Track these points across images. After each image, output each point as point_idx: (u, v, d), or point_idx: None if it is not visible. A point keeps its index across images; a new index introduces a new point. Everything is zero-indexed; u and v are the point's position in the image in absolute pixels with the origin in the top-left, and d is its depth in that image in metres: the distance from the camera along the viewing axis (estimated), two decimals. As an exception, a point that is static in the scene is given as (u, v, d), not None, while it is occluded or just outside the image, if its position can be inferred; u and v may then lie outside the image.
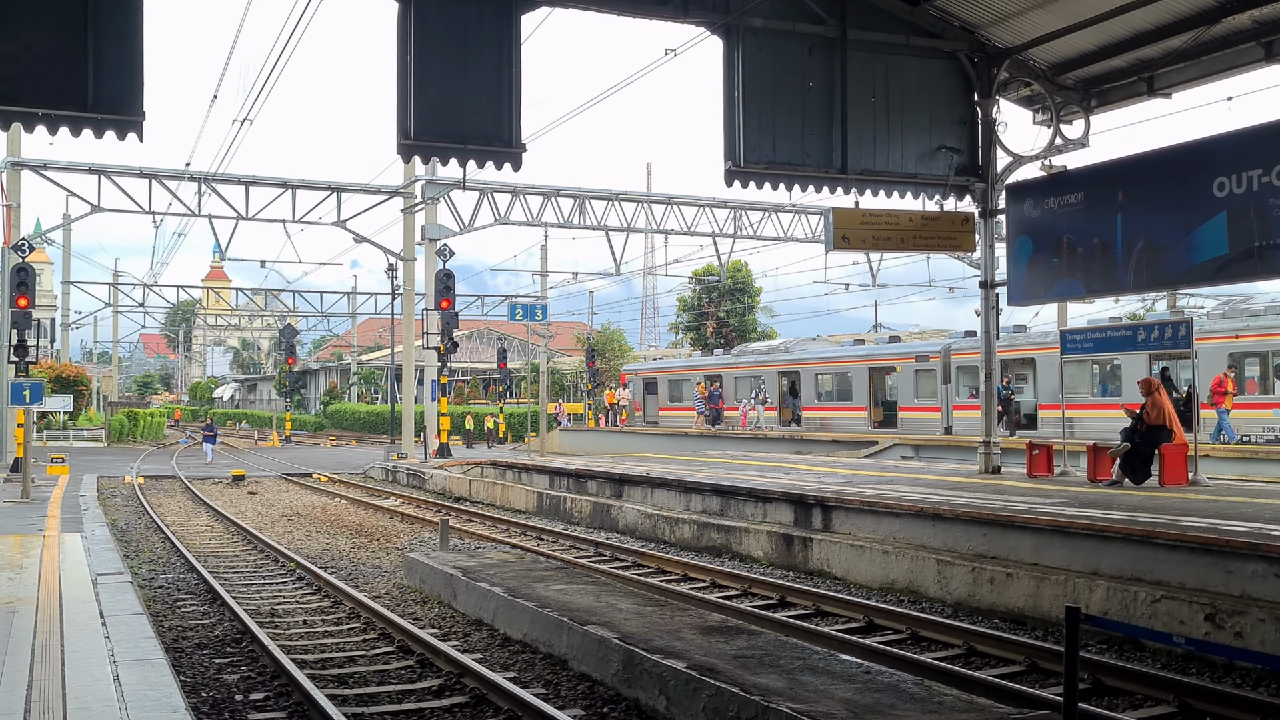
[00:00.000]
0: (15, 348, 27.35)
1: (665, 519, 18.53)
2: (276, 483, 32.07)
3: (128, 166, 33.32)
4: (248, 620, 11.40)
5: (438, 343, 33.87)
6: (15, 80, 11.77)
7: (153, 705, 6.98)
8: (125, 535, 19.18)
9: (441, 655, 9.84)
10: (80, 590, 11.20)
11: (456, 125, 13.55)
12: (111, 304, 64.61)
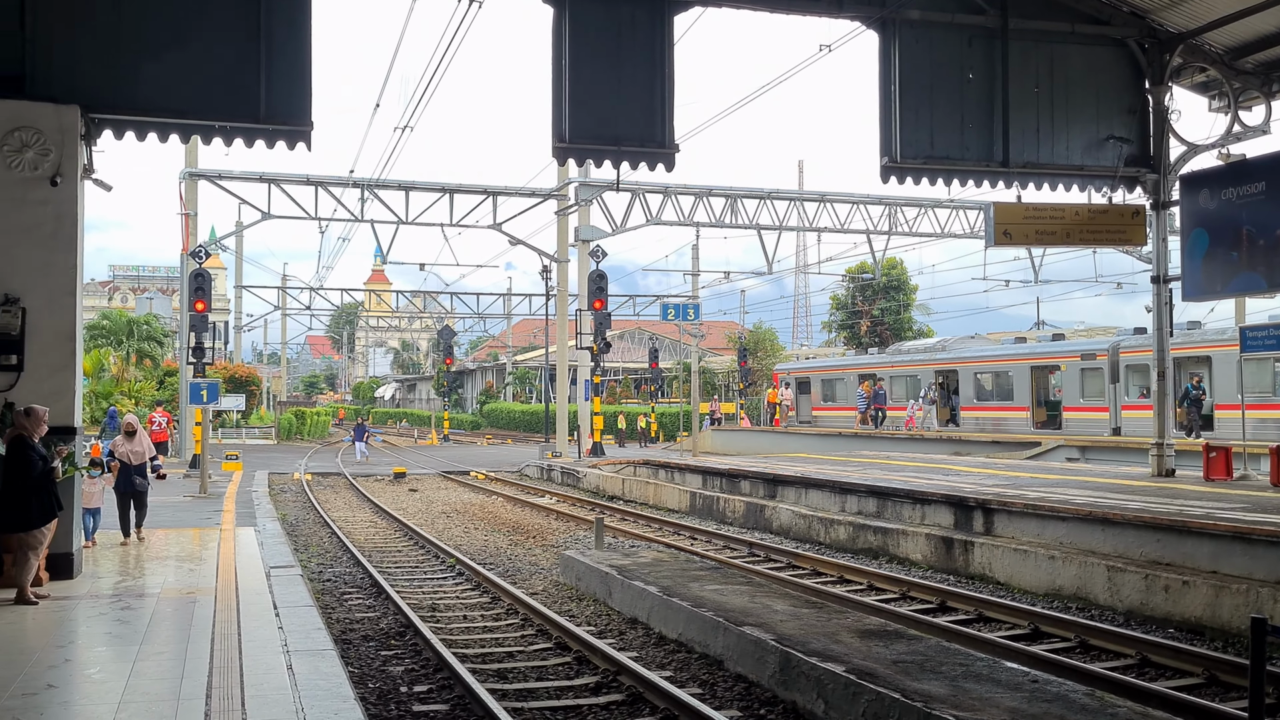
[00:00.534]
0: (193, 350, 28.75)
1: (820, 520, 18.30)
2: (436, 480, 32.89)
3: (295, 175, 34.64)
4: (411, 614, 11.69)
5: (591, 343, 34.24)
6: (194, 96, 12.35)
7: (324, 694, 7.20)
8: (295, 530, 19.91)
9: (598, 653, 9.91)
10: (255, 582, 11.67)
11: (610, 127, 13.65)
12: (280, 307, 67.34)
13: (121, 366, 48.98)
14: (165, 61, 12.18)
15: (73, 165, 11.66)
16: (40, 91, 11.69)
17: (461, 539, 19.07)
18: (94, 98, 11.97)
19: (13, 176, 11.44)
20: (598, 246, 35.09)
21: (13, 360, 11.39)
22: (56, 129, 11.57)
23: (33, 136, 11.48)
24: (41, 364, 11.50)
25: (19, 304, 11.41)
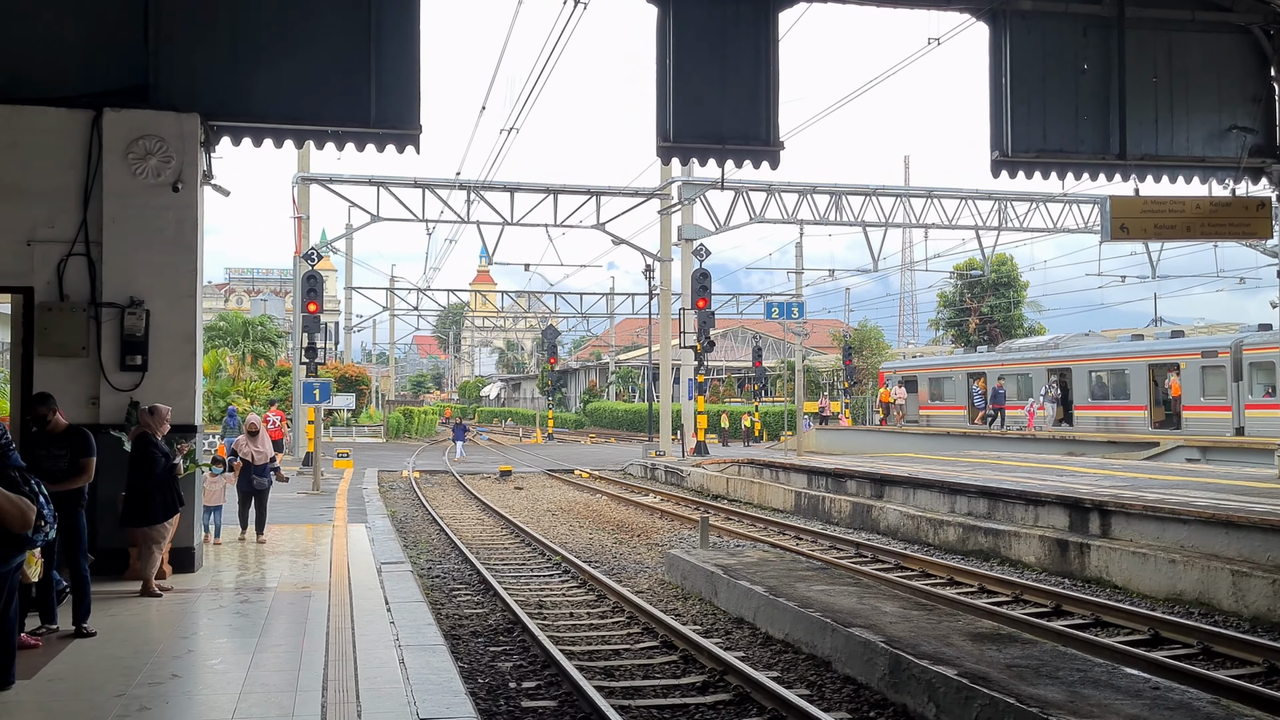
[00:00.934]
0: (306, 350, 29.46)
1: (929, 521, 18.02)
2: (540, 478, 33.20)
3: (403, 178, 35.28)
4: (518, 611, 11.82)
5: (694, 341, 34.21)
6: (307, 102, 12.64)
7: (435, 689, 7.31)
8: (404, 526, 20.28)
9: (704, 652, 9.89)
10: (366, 577, 11.92)
11: (714, 126, 13.61)
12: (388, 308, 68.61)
13: (238, 366, 50.45)
14: (280, 70, 12.49)
15: (193, 172, 12.03)
16: (163, 101, 12.08)
17: (567, 537, 19.21)
18: (213, 106, 12.33)
19: (137, 184, 11.85)
20: (701, 245, 35.06)
21: (138, 361, 11.80)
22: (178, 137, 11.96)
23: (155, 144, 11.88)
24: (164, 364, 11.89)
25: (143, 306, 11.81)
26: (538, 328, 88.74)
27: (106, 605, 9.67)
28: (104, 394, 11.73)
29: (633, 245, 40.50)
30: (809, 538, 18.93)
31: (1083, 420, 36.76)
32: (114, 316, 11.77)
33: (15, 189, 11.64)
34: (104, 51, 12.09)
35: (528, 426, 74.26)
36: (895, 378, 49.11)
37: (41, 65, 11.91)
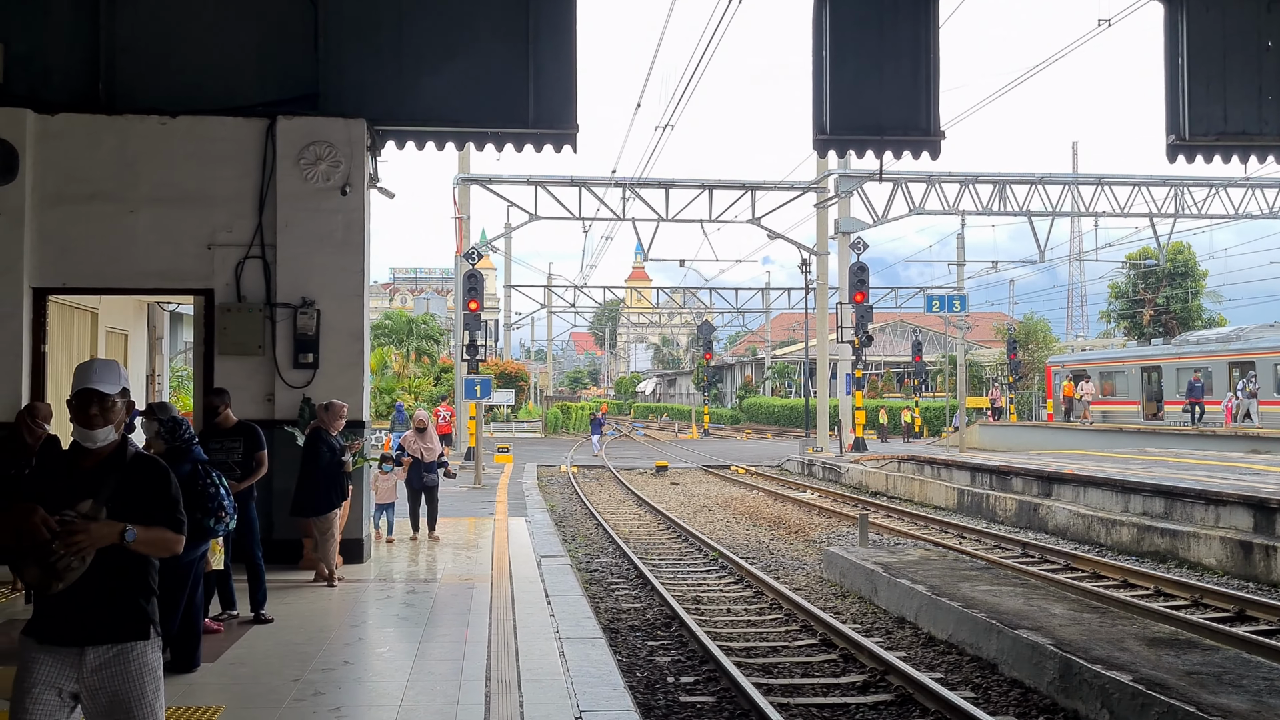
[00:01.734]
0: (467, 347, 30.18)
1: (1100, 520, 17.35)
2: (696, 474, 33.25)
3: (560, 177, 35.79)
4: (676, 606, 11.85)
5: (852, 336, 33.76)
6: (467, 105, 12.93)
7: (595, 681, 7.39)
8: (563, 520, 20.57)
9: (864, 651, 9.74)
10: (527, 570, 12.13)
11: (873, 116, 13.36)
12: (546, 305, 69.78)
13: (402, 364, 52.08)
14: (441, 75, 12.81)
15: (360, 175, 12.44)
16: (331, 108, 12.53)
17: (723, 533, 19.19)
18: (378, 112, 12.73)
19: (308, 188, 12.32)
20: (858, 238, 34.56)
21: (310, 359, 12.27)
22: (346, 142, 12.39)
23: (325, 150, 12.32)
24: (334, 362, 12.34)
25: (314, 306, 12.28)
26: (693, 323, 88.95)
27: (282, 594, 10.09)
28: (278, 391, 12.23)
29: (788, 239, 40.21)
30: (972, 536, 18.46)
31: (1268, 416, 34.83)
32: (287, 316, 12.27)
33: (197, 196, 12.25)
34: (277, 63, 12.60)
35: (683, 422, 74.50)
36: (1064, 372, 47.43)
37: (220, 78, 12.50)
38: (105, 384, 3.99)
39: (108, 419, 3.98)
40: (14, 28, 12.26)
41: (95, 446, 3.99)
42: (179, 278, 12.38)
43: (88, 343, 15.51)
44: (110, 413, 3.99)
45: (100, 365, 4.07)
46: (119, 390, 4.04)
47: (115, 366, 4.10)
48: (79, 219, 12.12)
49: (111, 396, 3.99)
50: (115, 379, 4.04)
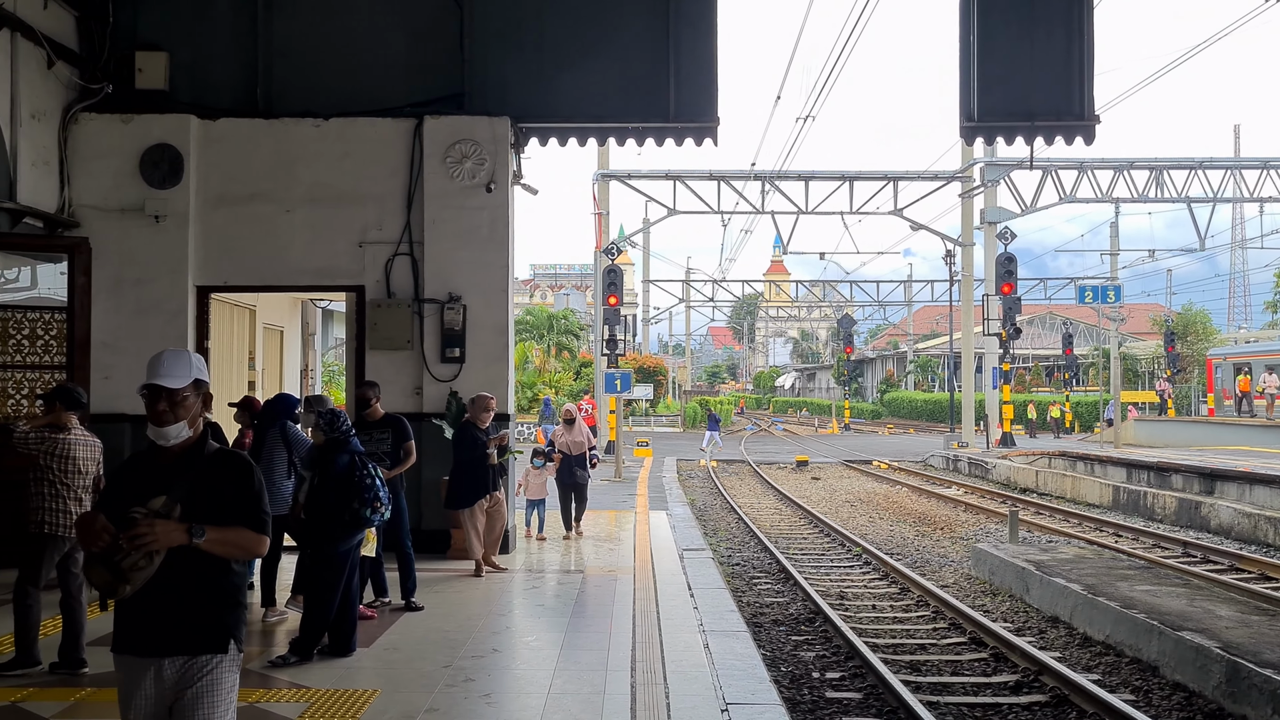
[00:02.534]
0: (607, 342, 30.41)
1: (1268, 520, 16.54)
2: (837, 469, 32.88)
3: (698, 171, 35.76)
4: (819, 601, 11.73)
5: (999, 329, 32.90)
6: (609, 101, 13.03)
7: (740, 674, 7.36)
8: (703, 514, 20.58)
9: (1016, 650, 9.48)
10: (669, 563, 12.16)
11: (1023, 102, 12.97)
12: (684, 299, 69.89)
13: (543, 358, 52.82)
14: (583, 72, 12.93)
15: (505, 172, 12.64)
16: (476, 107, 12.77)
17: (866, 528, 18.92)
18: (522, 109, 12.92)
19: (454, 186, 12.58)
20: (1006, 228, 33.67)
21: (456, 353, 12.53)
22: (490, 139, 12.60)
23: (470, 148, 12.56)
24: (480, 356, 12.57)
25: (461, 302, 12.53)
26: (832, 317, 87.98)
27: (431, 582, 10.33)
28: (426, 384, 12.52)
29: (932, 230, 39.37)
30: (1129, 535, 17.80)
31: None
32: (435, 311, 12.55)
33: (349, 196, 12.62)
34: (424, 64, 12.90)
35: (823, 417, 73.78)
36: (1226, 365, 45.37)
37: (370, 81, 12.85)
38: (173, 378, 3.70)
39: (178, 414, 3.70)
40: (179, 38, 12.82)
41: (168, 444, 3.71)
42: (332, 275, 12.78)
43: (246, 338, 16.15)
44: (180, 408, 3.70)
45: (169, 357, 3.77)
46: (189, 383, 3.74)
47: (186, 358, 3.80)
48: (239, 220, 12.62)
49: (179, 390, 3.70)
50: (185, 371, 3.74)
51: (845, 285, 61.46)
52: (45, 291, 12.23)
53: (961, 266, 39.91)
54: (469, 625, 8.78)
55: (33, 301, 11.89)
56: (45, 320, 11.55)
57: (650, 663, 7.56)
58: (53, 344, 11.52)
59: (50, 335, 11.52)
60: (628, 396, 37.18)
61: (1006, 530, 16.16)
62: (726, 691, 6.89)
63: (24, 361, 11.39)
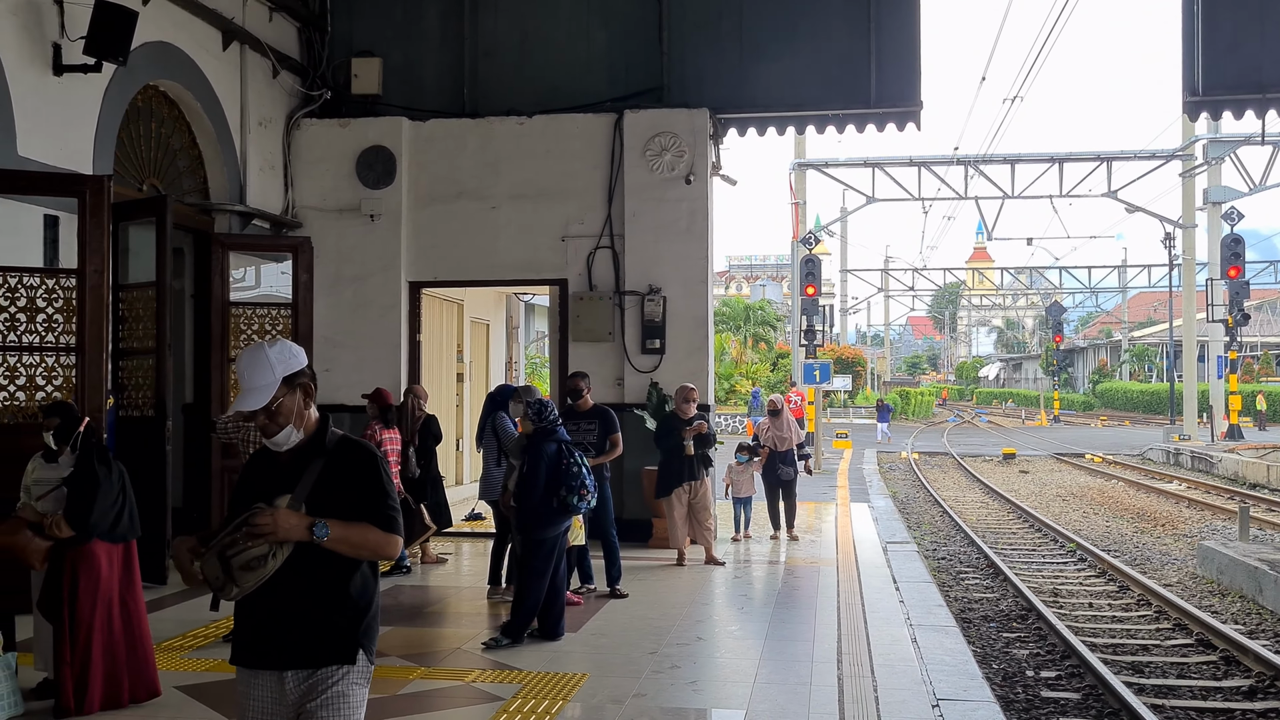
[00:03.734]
0: (805, 332, 30.14)
1: None
2: (1047, 462, 31.67)
3: (898, 157, 35.04)
4: (1032, 597, 11.32)
5: (1224, 315, 31.02)
6: (806, 90, 12.91)
7: (950, 670, 7.18)
8: (905, 507, 20.15)
9: (1250, 654, 8.91)
10: (872, 555, 11.98)
11: (1252, 73, 12.16)
12: (883, 289, 68.69)
13: (740, 349, 52.76)
14: (781, 60, 12.85)
15: (704, 164, 12.68)
16: (675, 99, 12.85)
17: (1079, 523, 18.15)
18: (720, 100, 12.93)
19: (654, 178, 12.69)
20: (1232, 208, 31.66)
21: (657, 344, 12.65)
22: (689, 131, 12.65)
23: (670, 140, 12.65)
24: (680, 347, 12.66)
25: (661, 293, 12.64)
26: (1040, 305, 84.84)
27: (635, 571, 10.46)
28: (627, 375, 12.69)
29: (1148, 212, 37.46)
30: (1374, 535, 16.49)
31: None
32: (635, 303, 12.71)
33: (552, 191, 12.91)
34: (624, 59, 13.07)
35: (1030, 408, 71.20)
36: None
37: (572, 77, 13.11)
38: (254, 394, 3.30)
39: (280, 421, 3.33)
40: (391, 44, 13.38)
41: (282, 449, 3.38)
42: (536, 269, 13.10)
43: (455, 332, 16.74)
44: (279, 415, 3.33)
45: (247, 367, 3.34)
46: (276, 388, 3.32)
47: (263, 359, 3.34)
48: (447, 217, 13.08)
49: (267, 404, 3.31)
50: (266, 377, 3.31)
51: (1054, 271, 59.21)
52: (269, 290, 12.95)
53: (1182, 250, 37.85)
54: (673, 613, 8.86)
55: (260, 299, 12.61)
56: (272, 316, 12.24)
57: (856, 655, 7.45)
58: (279, 338, 12.20)
59: (277, 330, 12.20)
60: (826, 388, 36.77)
61: (1235, 528, 15.24)
62: (937, 687, 6.73)
63: (254, 355, 12.09)
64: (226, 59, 11.80)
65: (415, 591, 9.94)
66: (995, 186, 34.81)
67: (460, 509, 14.27)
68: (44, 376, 8.62)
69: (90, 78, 9.32)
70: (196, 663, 7.17)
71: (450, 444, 15.99)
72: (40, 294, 8.64)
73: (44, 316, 8.62)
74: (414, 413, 10.99)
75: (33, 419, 8.18)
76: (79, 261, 8.73)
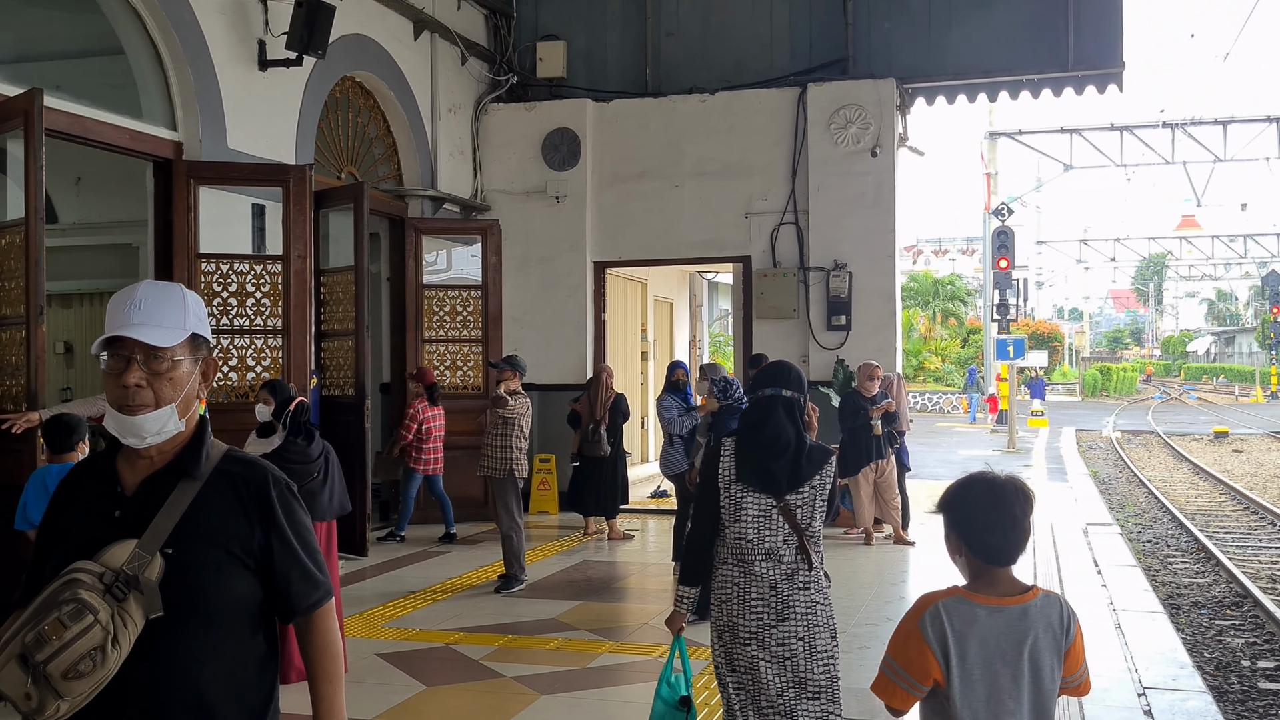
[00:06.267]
0: (997, 306, 29.18)
1: None
2: (1264, 441, 29.80)
3: (1097, 123, 33.47)
4: (1248, 584, 10.67)
5: None
6: (999, 54, 12.45)
7: (1157, 658, 6.85)
8: (1107, 488, 19.30)
9: None
10: (1071, 537, 11.54)
11: None
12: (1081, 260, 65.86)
13: (928, 326, 51.51)
14: (971, 24, 12.43)
15: (890, 135, 12.38)
16: (860, 71, 12.58)
17: (1302, 506, 17.02)
18: (906, 69, 12.60)
19: (838, 152, 12.47)
20: None
21: (842, 320, 12.45)
22: (875, 103, 12.37)
23: (854, 113, 12.39)
24: (866, 323, 12.43)
25: (846, 269, 12.43)
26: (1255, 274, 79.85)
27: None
28: (812, 352, 12.53)
29: (1377, 172, 34.69)
30: None
31: None
32: (820, 279, 12.53)
33: (734, 168, 12.84)
34: (808, 32, 12.88)
35: (1244, 384, 67.16)
36: None
37: (754, 53, 13.00)
38: (154, 328, 2.16)
39: (161, 393, 2.16)
40: (575, 27, 13.54)
41: (143, 444, 2.18)
42: (719, 246, 13.07)
43: (639, 311, 16.87)
44: (165, 382, 2.17)
45: (149, 292, 2.22)
46: (184, 339, 2.20)
47: (177, 295, 2.24)
48: (631, 196, 13.17)
49: (165, 352, 2.17)
50: (176, 317, 2.19)
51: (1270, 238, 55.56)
52: (460, 272, 13.31)
53: None
54: (861, 593, 8.72)
55: (451, 281, 12.98)
56: (463, 298, 12.58)
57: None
58: (470, 319, 12.54)
59: (468, 311, 12.54)
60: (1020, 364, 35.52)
61: None
62: (1143, 675, 6.42)
63: (447, 336, 12.47)
64: (418, 48, 12.16)
65: (602, 567, 10.08)
66: (1205, 150, 32.85)
67: (645, 486, 14.41)
68: (253, 357, 9.09)
69: (292, 71, 9.74)
70: (396, 631, 7.46)
71: (635, 421, 16.16)
72: (249, 279, 9.11)
73: (253, 301, 9.09)
74: (605, 391, 11.14)
75: (244, 399, 8.65)
76: (283, 248, 9.17)
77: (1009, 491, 2.72)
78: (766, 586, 3.77)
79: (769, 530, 3.80)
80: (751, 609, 3.77)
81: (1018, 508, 2.70)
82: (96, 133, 8.10)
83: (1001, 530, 2.70)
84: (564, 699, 6.05)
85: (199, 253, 8.86)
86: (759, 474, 3.82)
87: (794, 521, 3.79)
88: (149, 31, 8.73)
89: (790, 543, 3.80)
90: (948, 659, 2.65)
